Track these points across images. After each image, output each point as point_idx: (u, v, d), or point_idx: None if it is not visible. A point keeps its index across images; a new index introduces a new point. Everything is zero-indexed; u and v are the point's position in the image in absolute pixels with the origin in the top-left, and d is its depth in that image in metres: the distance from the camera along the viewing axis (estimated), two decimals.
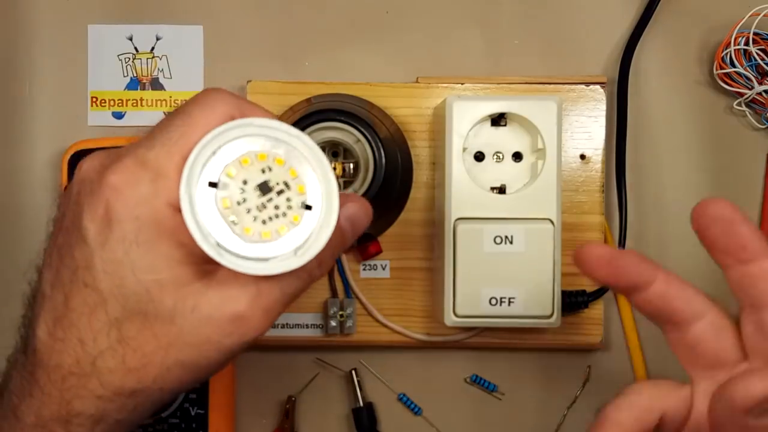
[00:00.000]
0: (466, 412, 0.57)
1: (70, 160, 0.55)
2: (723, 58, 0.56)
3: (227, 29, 0.58)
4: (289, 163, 0.36)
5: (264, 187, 0.36)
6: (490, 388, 0.57)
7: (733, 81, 0.56)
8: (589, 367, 0.57)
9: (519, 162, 0.52)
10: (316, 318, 0.56)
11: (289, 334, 0.56)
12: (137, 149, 0.37)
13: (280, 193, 0.36)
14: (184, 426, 0.54)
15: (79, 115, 0.58)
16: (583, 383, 0.57)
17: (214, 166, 0.36)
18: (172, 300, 0.36)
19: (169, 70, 0.58)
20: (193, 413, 0.54)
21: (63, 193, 0.39)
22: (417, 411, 0.57)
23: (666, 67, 0.58)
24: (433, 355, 0.57)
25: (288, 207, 0.36)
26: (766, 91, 0.56)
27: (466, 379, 0.57)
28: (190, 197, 0.35)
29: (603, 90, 0.56)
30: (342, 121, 0.51)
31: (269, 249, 0.36)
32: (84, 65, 0.58)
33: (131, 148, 0.37)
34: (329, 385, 0.57)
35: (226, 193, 0.36)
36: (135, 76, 0.58)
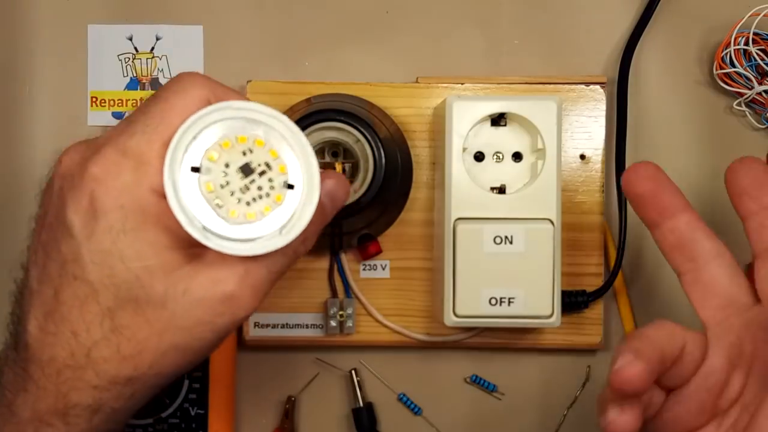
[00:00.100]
0: (466, 412, 0.57)
1: None
2: (723, 58, 0.56)
3: (227, 29, 0.58)
4: (269, 144, 0.37)
5: (246, 169, 0.37)
6: (490, 388, 0.57)
7: (733, 81, 0.56)
8: (589, 367, 0.57)
9: (519, 162, 0.52)
10: (316, 318, 0.56)
11: (289, 334, 0.56)
12: (117, 138, 0.37)
13: (262, 174, 0.37)
14: (184, 426, 0.54)
15: (79, 115, 0.58)
16: (583, 383, 0.57)
17: (196, 150, 0.36)
18: (163, 285, 0.37)
19: (169, 70, 0.58)
20: (193, 413, 0.54)
21: (44, 190, 0.39)
22: (417, 411, 0.57)
23: (666, 67, 0.58)
24: (433, 355, 0.57)
25: (271, 187, 0.37)
26: (766, 91, 0.56)
27: (466, 379, 0.57)
28: (174, 183, 0.36)
29: (603, 90, 0.56)
30: (342, 121, 0.51)
31: (255, 229, 0.36)
32: (84, 65, 0.58)
33: (110, 137, 0.37)
34: (329, 385, 0.57)
35: (209, 177, 0.36)
36: (135, 76, 0.58)
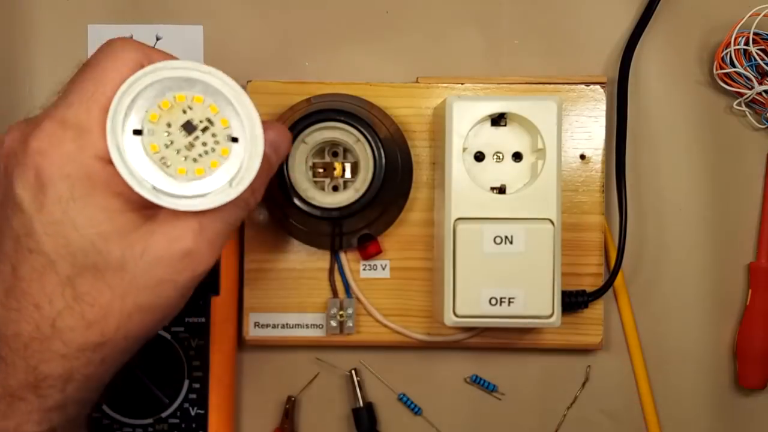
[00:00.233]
0: (466, 412, 0.57)
1: None
2: (723, 58, 0.56)
3: (227, 29, 0.58)
4: (208, 100, 0.37)
5: (188, 127, 0.37)
6: (490, 388, 0.57)
7: (733, 81, 0.56)
8: (589, 367, 0.57)
9: (519, 162, 0.52)
10: (316, 318, 0.56)
11: (289, 334, 0.56)
12: (55, 111, 0.38)
13: (204, 130, 0.37)
14: (184, 426, 0.54)
15: None
16: (583, 383, 0.57)
17: (136, 113, 0.37)
18: (119, 248, 0.37)
19: None
20: (193, 413, 0.54)
21: None
22: (417, 411, 0.57)
23: (666, 67, 0.58)
24: (433, 355, 0.57)
25: (215, 142, 0.37)
26: (766, 91, 0.56)
27: (466, 379, 0.57)
28: (118, 146, 0.36)
29: (603, 90, 0.56)
30: (342, 121, 0.51)
31: (205, 185, 0.37)
32: None
33: (48, 111, 0.38)
34: (329, 385, 0.57)
35: (152, 138, 0.37)
36: None
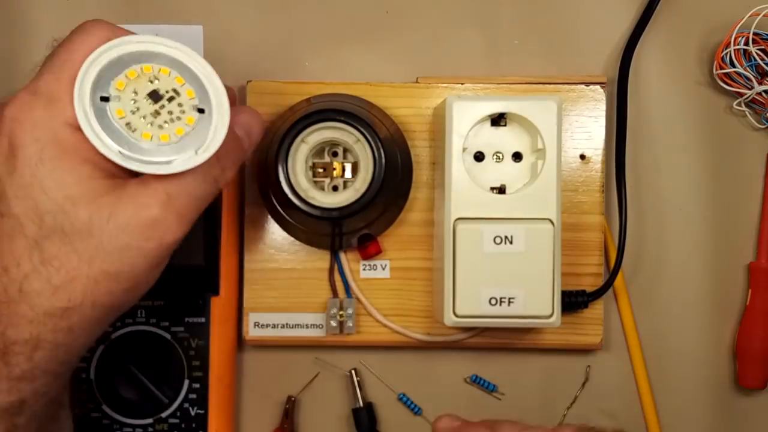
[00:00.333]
0: (466, 412, 0.57)
1: None
2: (723, 58, 0.56)
3: (227, 29, 0.58)
4: (174, 72, 0.39)
5: (155, 95, 0.38)
6: (490, 388, 0.57)
7: (733, 81, 0.56)
8: (588, 367, 0.57)
9: (519, 162, 0.52)
10: (316, 318, 0.56)
11: (289, 334, 0.56)
12: (29, 83, 0.39)
13: (170, 99, 0.39)
14: (184, 426, 0.54)
15: None
16: (583, 383, 0.57)
17: (103, 82, 0.38)
18: (87, 213, 0.38)
19: None
20: (193, 413, 0.54)
21: None
22: (417, 411, 0.57)
23: (666, 67, 0.58)
24: (433, 355, 0.57)
25: (181, 111, 0.39)
26: (766, 91, 0.56)
27: (466, 379, 0.57)
28: (85, 111, 0.37)
29: (603, 90, 0.56)
30: (342, 121, 0.51)
31: (171, 151, 0.38)
32: None
33: (25, 85, 0.39)
34: (329, 385, 0.57)
35: (119, 104, 0.38)
36: None
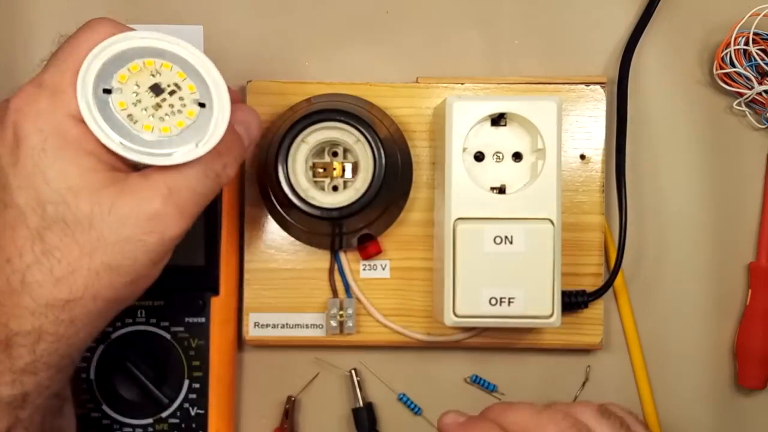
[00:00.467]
0: (466, 412, 0.57)
1: None
2: (723, 58, 0.56)
3: (227, 29, 0.58)
4: (176, 68, 0.39)
5: (156, 89, 0.39)
6: (490, 388, 0.57)
7: (733, 81, 0.56)
8: (588, 367, 0.57)
9: (519, 162, 0.52)
10: (316, 318, 0.56)
11: (289, 334, 0.56)
12: (34, 77, 0.40)
13: (172, 93, 0.39)
14: (184, 426, 0.54)
15: None
16: (583, 383, 0.57)
17: (106, 75, 0.39)
18: (88, 205, 0.38)
19: None
20: (193, 413, 0.54)
21: None
22: (417, 411, 0.57)
23: (666, 67, 0.58)
24: (433, 355, 0.57)
25: (182, 105, 0.39)
26: (766, 91, 0.56)
27: (466, 379, 0.57)
28: (88, 102, 0.38)
29: (603, 90, 0.56)
30: (342, 121, 0.51)
31: (171, 143, 0.39)
32: None
33: (31, 78, 0.40)
34: (329, 385, 0.57)
35: (120, 96, 0.39)
36: None
